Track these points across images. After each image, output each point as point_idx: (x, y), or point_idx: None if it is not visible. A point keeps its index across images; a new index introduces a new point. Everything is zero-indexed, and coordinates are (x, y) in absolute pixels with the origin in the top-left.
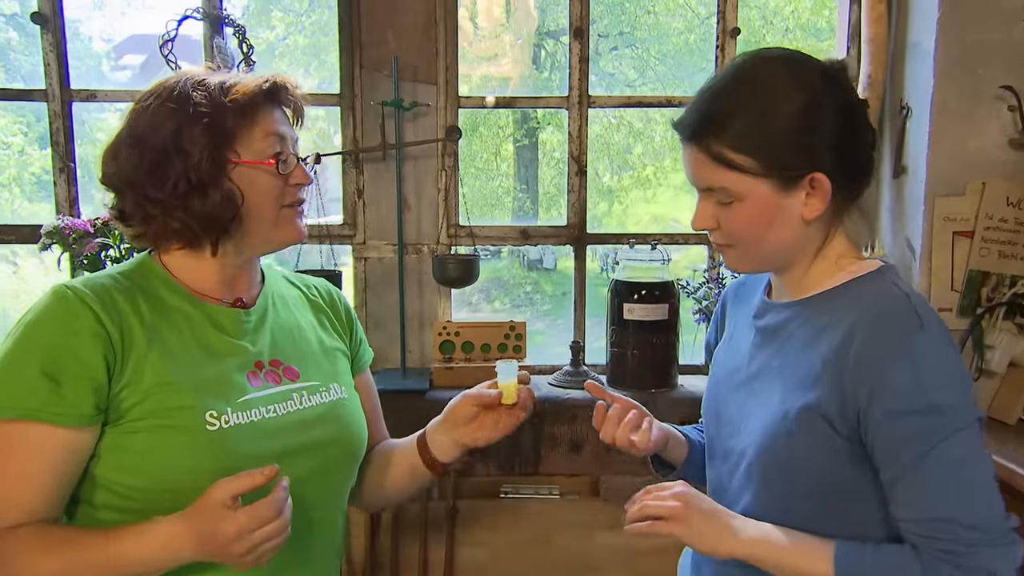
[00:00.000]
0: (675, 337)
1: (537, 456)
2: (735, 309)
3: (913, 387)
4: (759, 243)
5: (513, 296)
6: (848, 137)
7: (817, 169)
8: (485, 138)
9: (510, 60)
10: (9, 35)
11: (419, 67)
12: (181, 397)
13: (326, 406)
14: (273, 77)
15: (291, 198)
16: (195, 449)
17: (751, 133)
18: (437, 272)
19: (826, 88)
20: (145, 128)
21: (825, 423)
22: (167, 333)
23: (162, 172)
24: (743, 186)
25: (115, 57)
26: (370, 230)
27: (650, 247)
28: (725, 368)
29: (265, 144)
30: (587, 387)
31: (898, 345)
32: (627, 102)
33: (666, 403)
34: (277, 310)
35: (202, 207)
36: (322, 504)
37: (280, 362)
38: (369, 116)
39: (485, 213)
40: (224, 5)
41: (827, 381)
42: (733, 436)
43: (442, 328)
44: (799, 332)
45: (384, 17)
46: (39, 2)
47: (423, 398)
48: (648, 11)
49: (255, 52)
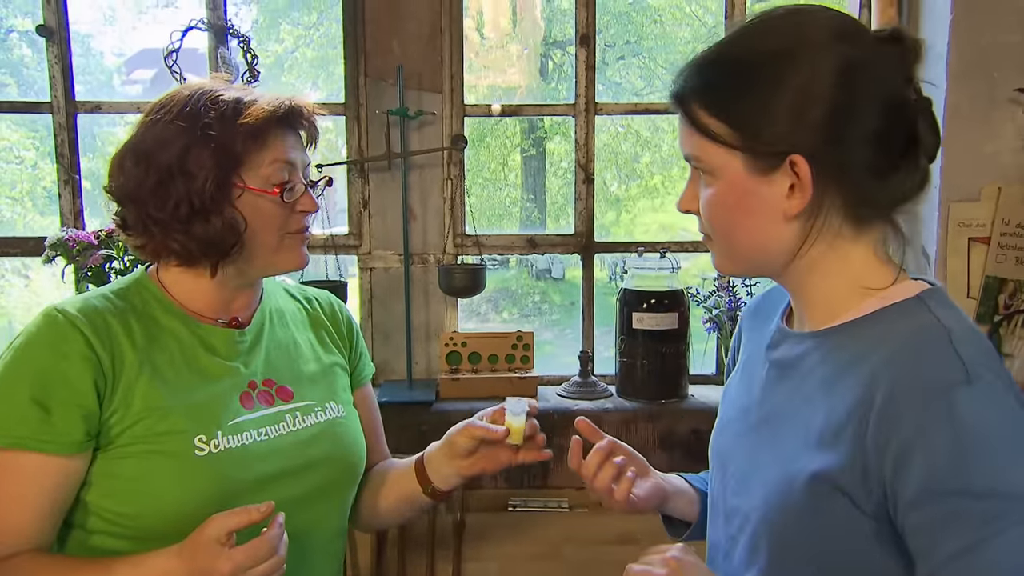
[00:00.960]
0: (685, 346)
1: (546, 469)
2: (751, 334)
3: (954, 460)
4: (733, 234)
5: (521, 306)
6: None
7: (798, 151)
8: (492, 148)
9: (517, 70)
10: (23, 51)
11: (424, 76)
12: (170, 422)
13: (322, 426)
14: (289, 101)
15: (296, 225)
16: (184, 475)
17: (729, 95)
18: (443, 282)
19: (847, 53)
20: (152, 144)
21: (844, 498)
22: (158, 356)
23: (165, 192)
24: (715, 159)
25: (126, 71)
26: (375, 240)
27: (659, 255)
28: (735, 406)
29: (273, 171)
30: (577, 425)
31: (932, 402)
32: (634, 109)
33: (676, 413)
34: (274, 327)
35: (203, 232)
36: (321, 525)
37: (273, 382)
38: (374, 125)
39: (493, 223)
40: (229, 18)
41: (846, 441)
42: (739, 493)
43: (449, 339)
44: (818, 371)
45: (389, 26)
46: (44, 15)
47: (429, 410)
48: (655, 20)
49: (263, 65)
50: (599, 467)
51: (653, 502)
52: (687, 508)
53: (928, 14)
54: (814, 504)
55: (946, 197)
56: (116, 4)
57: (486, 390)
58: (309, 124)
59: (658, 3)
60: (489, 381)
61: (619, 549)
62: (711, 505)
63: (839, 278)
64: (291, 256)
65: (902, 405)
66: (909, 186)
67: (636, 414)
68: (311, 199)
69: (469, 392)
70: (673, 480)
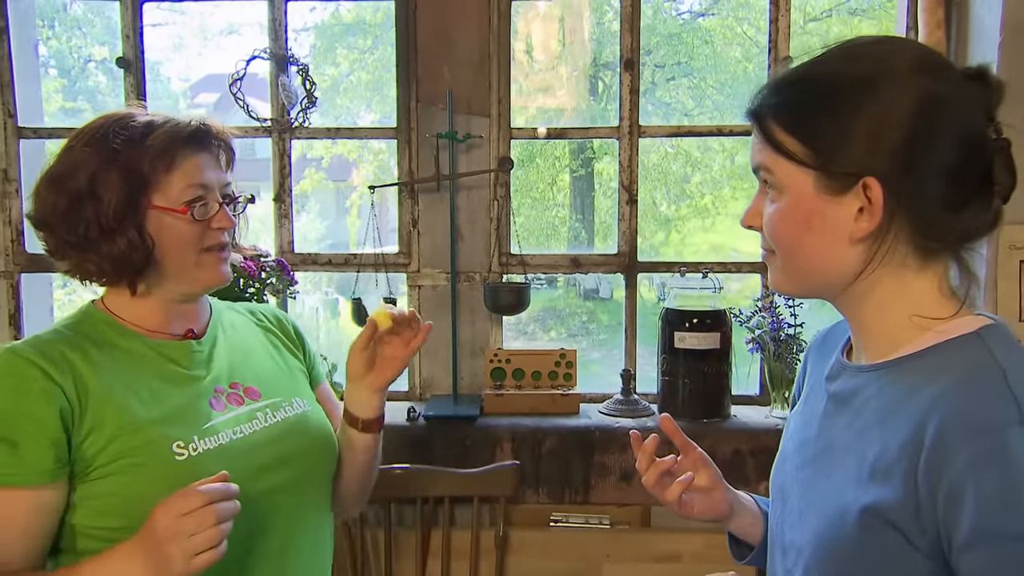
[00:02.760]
0: (727, 366)
1: (587, 485)
2: (815, 367)
3: (1005, 501)
4: (795, 251)
5: (569, 325)
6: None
7: (872, 173)
8: (542, 169)
9: (566, 91)
10: (99, 79)
11: (473, 100)
12: (145, 434)
13: (291, 420)
14: (197, 121)
15: (211, 241)
16: (166, 481)
17: (807, 114)
18: (488, 300)
19: (930, 86)
20: (64, 170)
21: (896, 533)
22: (122, 376)
23: (75, 216)
24: (786, 175)
25: (191, 96)
26: (424, 258)
27: (701, 275)
28: (795, 439)
29: (182, 191)
30: (661, 420)
31: (984, 441)
32: (677, 131)
33: (718, 433)
34: (228, 336)
35: (111, 251)
36: (303, 514)
37: (239, 384)
38: (424, 148)
39: (541, 243)
40: (289, 45)
41: (898, 477)
42: (796, 527)
43: (493, 355)
44: (873, 404)
45: (440, 53)
46: (124, 48)
47: (473, 425)
48: (705, 41)
49: (320, 88)
50: (649, 464)
51: (713, 512)
52: (750, 528)
53: (977, 35)
54: (866, 538)
55: None
56: (184, 32)
57: (529, 406)
58: (221, 144)
59: (709, 24)
60: (532, 397)
61: (660, 567)
62: (770, 539)
63: (898, 308)
64: (210, 273)
65: (953, 443)
66: (979, 224)
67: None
68: (226, 215)
69: (512, 408)
70: (743, 499)
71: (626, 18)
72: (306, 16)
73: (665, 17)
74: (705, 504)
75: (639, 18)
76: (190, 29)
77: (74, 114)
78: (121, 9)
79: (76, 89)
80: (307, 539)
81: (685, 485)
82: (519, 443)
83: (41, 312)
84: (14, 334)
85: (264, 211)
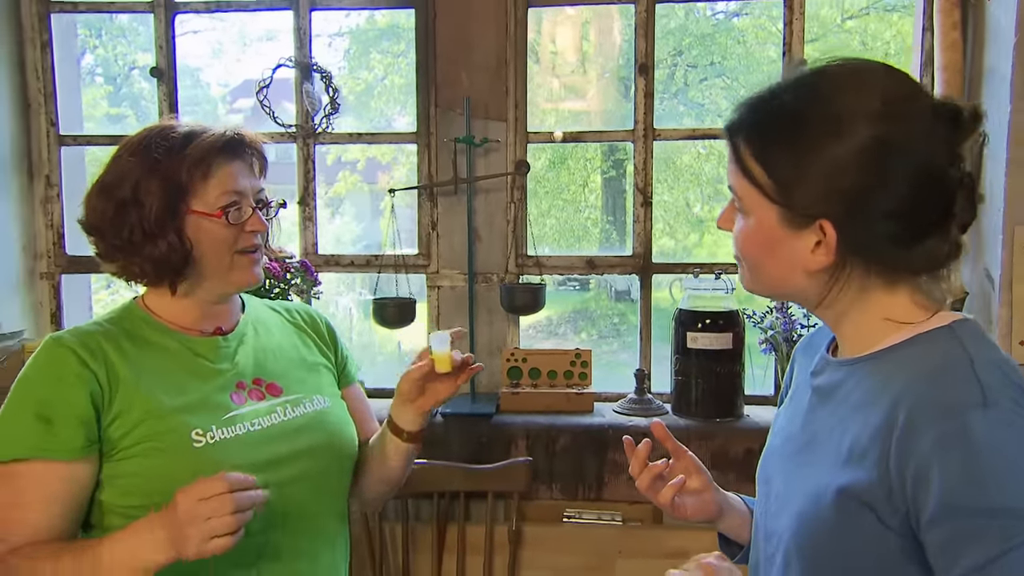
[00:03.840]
0: (740, 367)
1: (600, 482)
2: (801, 365)
3: (966, 480)
4: (759, 267)
5: (600, 327)
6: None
7: (826, 217)
8: (573, 171)
9: (595, 95)
10: (142, 85)
11: (491, 105)
12: (167, 421)
13: (310, 415)
14: (232, 131)
15: (244, 244)
16: (184, 466)
17: (773, 145)
18: (505, 300)
19: (888, 130)
20: (112, 179)
21: (870, 513)
22: (151, 367)
23: (121, 221)
24: (752, 201)
25: (230, 101)
26: (443, 260)
27: (714, 276)
28: (782, 433)
29: (218, 196)
30: (652, 427)
31: (948, 423)
32: (692, 134)
33: (730, 433)
34: (257, 334)
35: (153, 253)
36: (318, 506)
37: (262, 380)
38: (443, 152)
39: (571, 245)
40: (324, 50)
41: (872, 460)
42: (778, 514)
43: (510, 354)
44: (852, 396)
45: (458, 59)
46: (157, 58)
47: (489, 422)
48: (738, 41)
49: (354, 92)
50: (641, 468)
51: (703, 513)
52: (739, 528)
53: (992, 38)
54: (842, 519)
55: (1011, 220)
56: (223, 38)
57: (544, 404)
58: (254, 152)
59: (743, 24)
60: (548, 396)
61: (672, 563)
62: (754, 528)
63: (872, 317)
64: (243, 274)
65: (921, 426)
66: (939, 255)
67: (689, 432)
68: (259, 219)
69: (528, 406)
70: (732, 499)
71: (640, 24)
72: (341, 21)
73: (698, 17)
74: (696, 506)
75: (653, 24)
76: (229, 36)
77: (118, 120)
78: (154, 20)
79: (121, 96)
80: (321, 533)
81: (677, 488)
82: (534, 440)
83: (81, 311)
84: (55, 331)
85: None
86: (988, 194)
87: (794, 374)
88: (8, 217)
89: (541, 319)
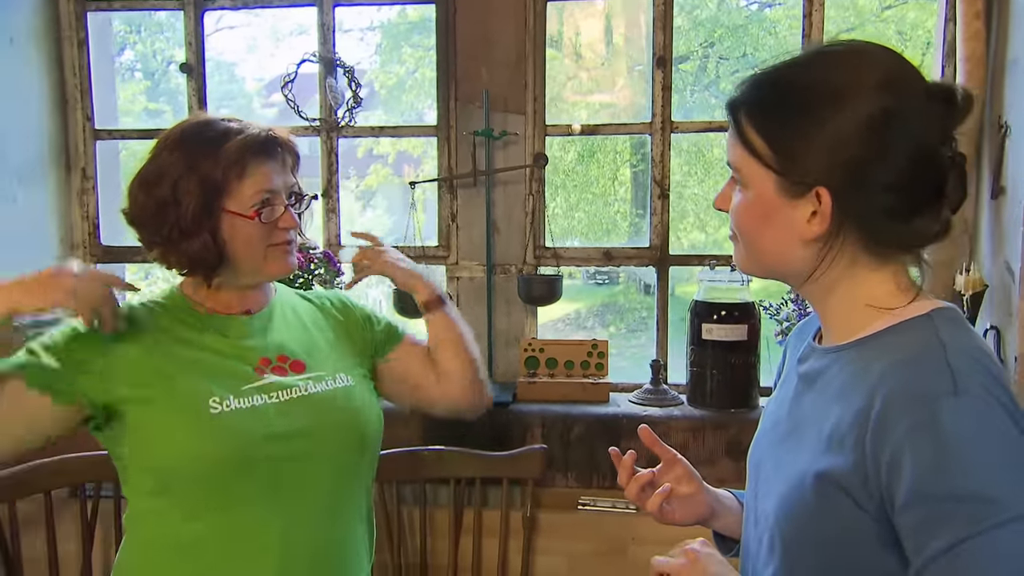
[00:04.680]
0: (755, 358)
1: (614, 471)
2: (792, 353)
3: (936, 466)
4: (755, 240)
5: (627, 321)
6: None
7: (825, 185)
8: (602, 164)
9: (623, 87)
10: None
11: (510, 99)
12: (186, 384)
13: (331, 392)
14: (266, 132)
15: (277, 239)
16: (200, 430)
17: (776, 118)
18: (522, 291)
19: (889, 104)
20: (153, 176)
21: (847, 498)
22: (181, 339)
23: (161, 218)
24: (752, 172)
25: (265, 95)
26: (462, 251)
27: (730, 268)
28: (771, 418)
29: (252, 196)
30: (640, 432)
31: (919, 410)
32: (708, 127)
33: (744, 423)
34: (285, 316)
35: (187, 249)
36: (337, 482)
37: (287, 357)
38: (463, 145)
39: (600, 238)
40: (356, 44)
41: (849, 447)
42: (766, 497)
43: (528, 344)
44: (835, 382)
45: (478, 54)
46: (187, 53)
47: (506, 410)
48: (770, 32)
49: (386, 86)
50: (629, 478)
51: (694, 516)
52: (734, 525)
53: (1016, 27)
54: (821, 503)
55: None
56: (258, 34)
57: (560, 394)
58: (287, 150)
59: (775, 14)
60: (564, 385)
61: None
62: (745, 512)
63: (855, 300)
64: (277, 264)
65: (894, 414)
66: (928, 233)
67: (704, 422)
68: (291, 216)
69: (544, 395)
70: (723, 498)
71: (659, 17)
72: (373, 16)
73: (730, 9)
74: (686, 510)
75: (671, 17)
76: (263, 31)
77: (156, 115)
78: (184, 17)
79: (159, 91)
80: (341, 508)
81: (663, 496)
82: (549, 429)
83: None
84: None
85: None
86: (1010, 186)
87: (785, 360)
88: (46, 209)
89: (570, 312)
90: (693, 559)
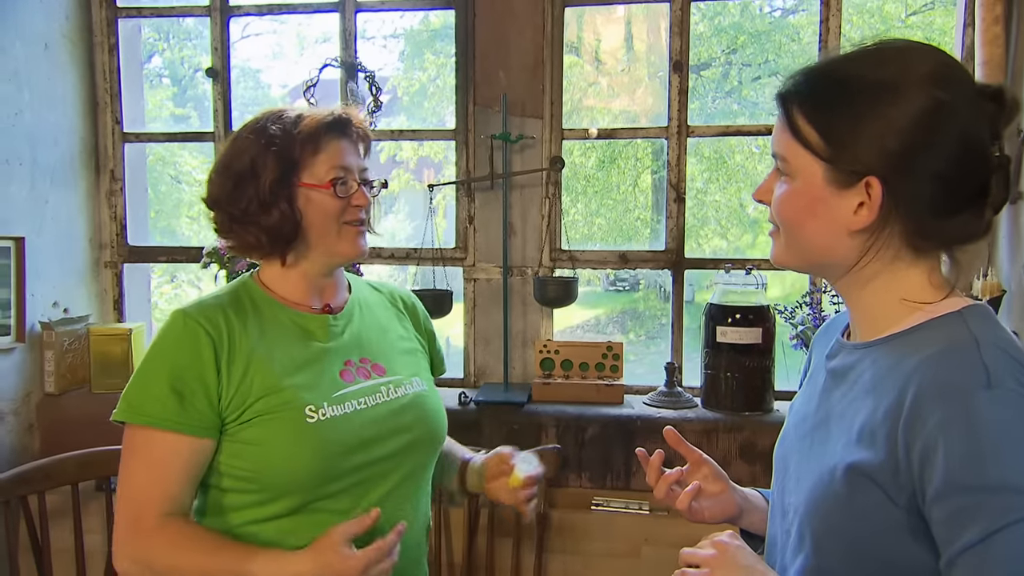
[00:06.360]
0: (770, 361)
1: (628, 472)
2: (818, 350)
3: (969, 457)
4: (798, 231)
5: (647, 327)
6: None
7: (875, 174)
8: (623, 170)
9: (643, 93)
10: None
11: (527, 103)
12: (283, 396)
13: (410, 397)
14: (337, 111)
15: (350, 216)
16: (298, 439)
17: (828, 108)
18: (538, 292)
19: (943, 97)
20: (231, 156)
21: (878, 490)
22: (267, 340)
23: (239, 193)
24: (800, 161)
25: (290, 101)
26: (479, 253)
27: (745, 272)
28: (798, 414)
29: (326, 170)
30: (665, 433)
31: (953, 403)
32: (725, 131)
33: (758, 426)
34: (363, 314)
35: (267, 222)
36: (412, 482)
37: (368, 359)
38: (481, 149)
39: (621, 243)
40: (380, 51)
41: (881, 440)
42: (793, 490)
43: (543, 346)
44: (865, 377)
45: (496, 59)
46: (213, 59)
47: (521, 410)
48: (793, 39)
49: (409, 92)
50: (657, 477)
51: (722, 515)
52: (760, 524)
53: None
54: (851, 494)
55: None
56: (283, 41)
57: (575, 395)
58: (359, 131)
59: (798, 21)
60: (579, 387)
61: None
62: (771, 506)
63: (890, 295)
64: (349, 245)
65: (927, 406)
66: (970, 230)
67: (717, 425)
68: (363, 194)
69: (559, 396)
70: (750, 496)
71: (676, 22)
72: (396, 23)
73: (753, 16)
74: (715, 508)
75: (688, 22)
76: (288, 38)
77: (182, 120)
78: (211, 23)
79: (186, 97)
80: (415, 507)
81: (692, 494)
82: (563, 429)
83: (140, 299)
84: (117, 316)
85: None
86: None
87: (812, 358)
88: (76, 209)
89: (589, 319)
90: (722, 550)
